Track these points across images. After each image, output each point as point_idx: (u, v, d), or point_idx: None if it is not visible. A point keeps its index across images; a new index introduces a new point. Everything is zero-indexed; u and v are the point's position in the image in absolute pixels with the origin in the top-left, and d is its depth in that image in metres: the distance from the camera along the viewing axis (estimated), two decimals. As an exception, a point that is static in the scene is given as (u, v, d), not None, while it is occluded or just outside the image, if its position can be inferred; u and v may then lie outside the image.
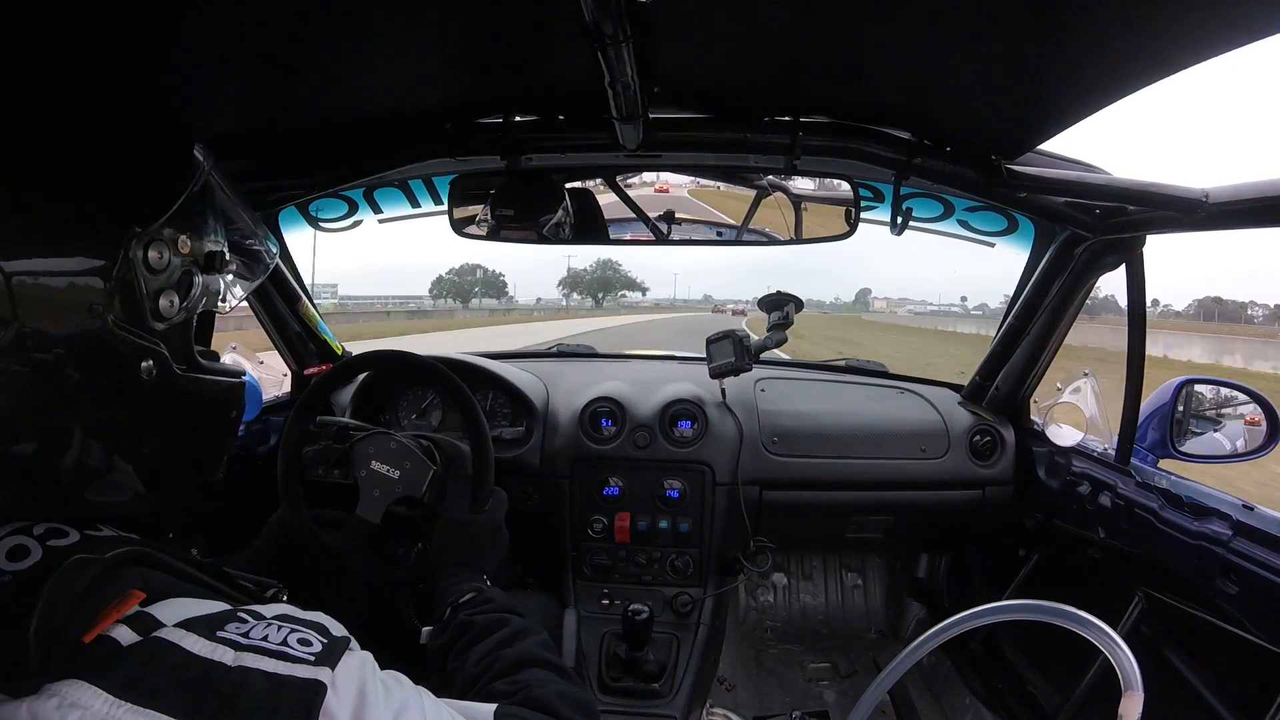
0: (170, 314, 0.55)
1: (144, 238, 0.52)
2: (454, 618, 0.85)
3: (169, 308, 0.54)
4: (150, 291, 0.53)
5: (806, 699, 1.89)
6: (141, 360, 0.53)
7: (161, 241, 0.53)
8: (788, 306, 1.63)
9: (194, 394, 0.60)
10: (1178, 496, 1.20)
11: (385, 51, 0.83)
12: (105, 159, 0.52)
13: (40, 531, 0.48)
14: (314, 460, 1.10)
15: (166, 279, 0.54)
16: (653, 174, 1.41)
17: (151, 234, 0.52)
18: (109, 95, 0.54)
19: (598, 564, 1.61)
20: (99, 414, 0.51)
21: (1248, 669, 1.10)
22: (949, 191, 1.41)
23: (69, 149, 0.49)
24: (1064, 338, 1.57)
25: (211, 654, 0.44)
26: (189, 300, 0.57)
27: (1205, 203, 1.01)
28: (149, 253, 0.52)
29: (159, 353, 0.54)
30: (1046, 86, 0.88)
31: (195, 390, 0.60)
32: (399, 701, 0.50)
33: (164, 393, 0.55)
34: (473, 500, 1.03)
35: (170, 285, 0.55)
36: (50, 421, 0.48)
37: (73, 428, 0.49)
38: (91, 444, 0.50)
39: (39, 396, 0.46)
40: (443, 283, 77.66)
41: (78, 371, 0.48)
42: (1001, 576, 1.74)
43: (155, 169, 0.56)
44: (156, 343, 0.54)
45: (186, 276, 0.56)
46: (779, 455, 1.66)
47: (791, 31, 0.80)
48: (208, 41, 0.74)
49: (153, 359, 0.54)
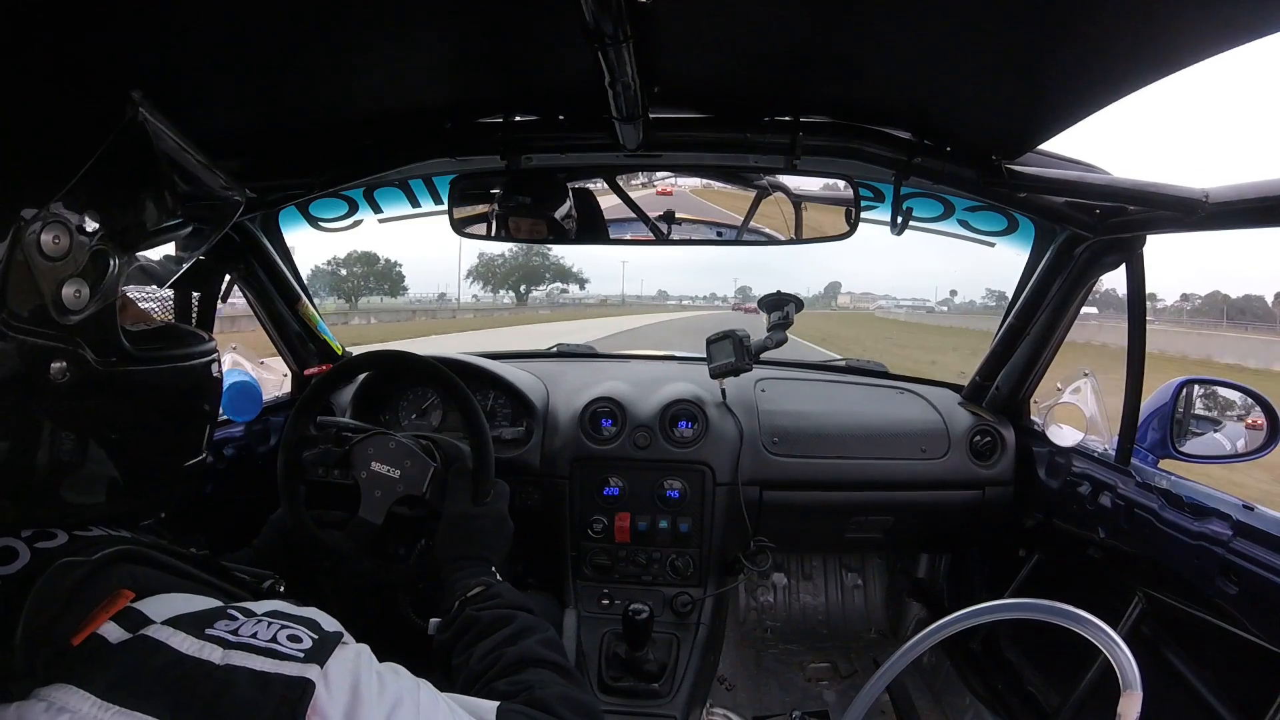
0: (78, 305, 0.48)
1: (33, 222, 0.45)
2: (461, 612, 0.85)
3: (75, 298, 0.48)
4: (49, 282, 0.46)
5: (806, 699, 1.89)
6: (51, 361, 0.47)
7: (58, 223, 0.46)
8: (788, 306, 1.63)
9: (135, 384, 0.54)
10: (1178, 497, 1.20)
11: (386, 51, 0.83)
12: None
13: (29, 534, 0.48)
14: (314, 463, 1.10)
15: (69, 266, 0.47)
16: (658, 176, 1.41)
17: (43, 217, 0.45)
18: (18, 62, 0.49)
19: (598, 564, 1.61)
20: (25, 419, 0.47)
21: (1248, 669, 1.10)
22: (949, 191, 1.41)
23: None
24: (1064, 338, 1.57)
25: (199, 652, 0.44)
26: (103, 286, 0.50)
27: (1205, 203, 1.01)
28: (42, 238, 0.45)
29: (72, 351, 0.48)
30: (1046, 86, 0.88)
31: (137, 380, 0.54)
32: (394, 695, 0.50)
33: (90, 392, 0.50)
34: (475, 493, 1.03)
35: (75, 272, 0.47)
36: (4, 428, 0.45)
37: (13, 433, 0.46)
38: (39, 447, 0.48)
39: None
40: (320, 276, 57.21)
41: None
42: (1001, 577, 1.74)
43: (55, 138, 0.49)
44: (71, 340, 0.48)
45: (98, 257, 0.49)
46: (779, 455, 1.66)
47: (791, 31, 0.80)
48: (207, 40, 0.74)
49: (64, 359, 0.48)
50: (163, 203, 0.54)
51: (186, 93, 0.86)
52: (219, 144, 1.03)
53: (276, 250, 1.63)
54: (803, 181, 1.38)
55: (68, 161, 0.47)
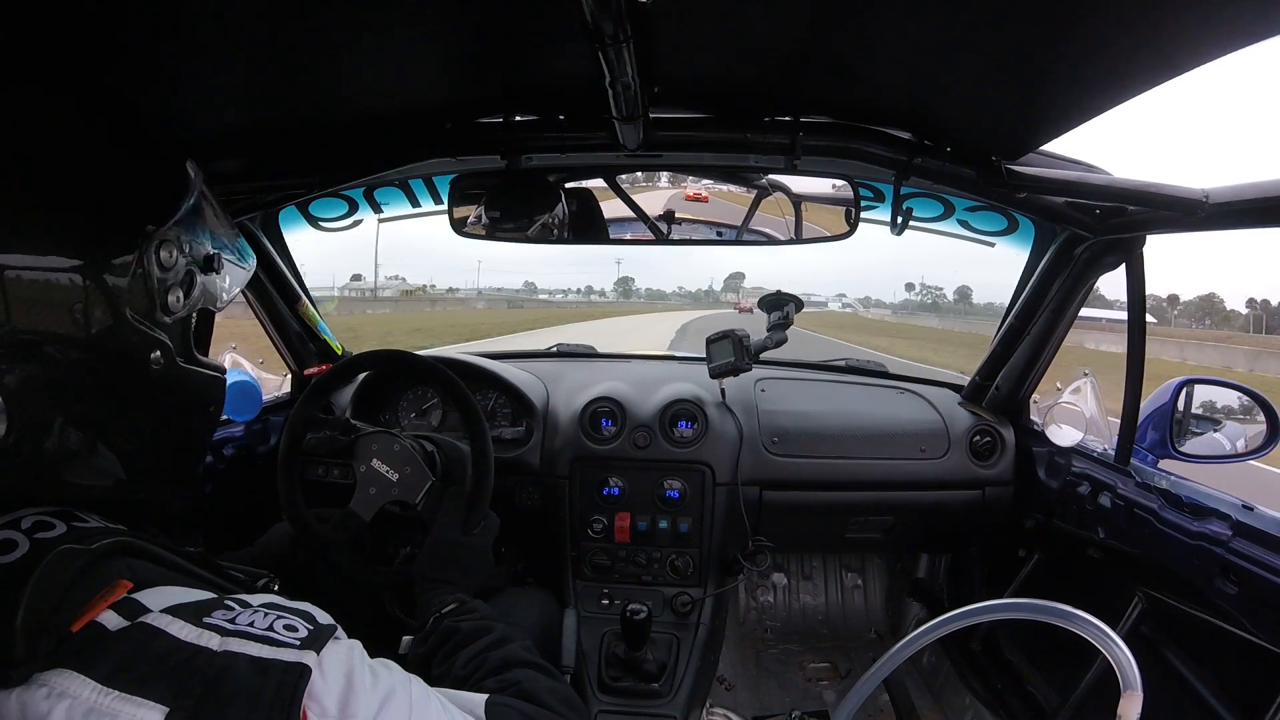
0: (177, 309, 0.59)
1: (157, 237, 0.56)
2: (437, 625, 0.86)
3: (176, 303, 0.58)
4: (161, 288, 0.57)
5: (806, 699, 1.89)
6: (151, 351, 0.57)
7: (171, 242, 0.57)
8: (787, 306, 1.63)
9: (188, 385, 0.63)
10: (1177, 497, 1.20)
11: (385, 51, 0.83)
12: (117, 169, 0.57)
13: (28, 525, 0.49)
14: (317, 447, 1.10)
15: (174, 277, 0.58)
16: (688, 180, 1.41)
17: (163, 234, 0.56)
18: (112, 111, 0.58)
19: (598, 564, 1.61)
20: (108, 402, 0.55)
21: (1248, 669, 1.10)
22: (949, 191, 1.41)
23: (84, 162, 0.54)
24: (1064, 338, 1.57)
25: (197, 639, 0.45)
26: (191, 298, 0.61)
27: (1205, 203, 1.01)
28: (160, 252, 0.56)
29: (166, 344, 0.58)
30: (1047, 89, 0.88)
31: (190, 381, 0.63)
32: (387, 687, 0.51)
33: (167, 382, 0.59)
34: (466, 520, 1.04)
35: (177, 283, 0.59)
36: (56, 409, 0.50)
37: (71, 415, 0.51)
38: (81, 430, 0.52)
39: (59, 385, 0.49)
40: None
41: (100, 361, 0.52)
42: (1001, 577, 1.74)
43: (159, 177, 0.61)
44: (164, 336, 0.58)
45: (189, 276, 0.60)
46: (779, 455, 1.66)
47: (792, 31, 0.80)
48: (207, 40, 0.74)
49: (160, 350, 0.57)
50: (215, 249, 0.65)
51: (187, 93, 0.86)
52: (219, 144, 1.03)
53: (276, 250, 1.63)
54: (803, 181, 1.38)
55: (108, 181, 0.55)
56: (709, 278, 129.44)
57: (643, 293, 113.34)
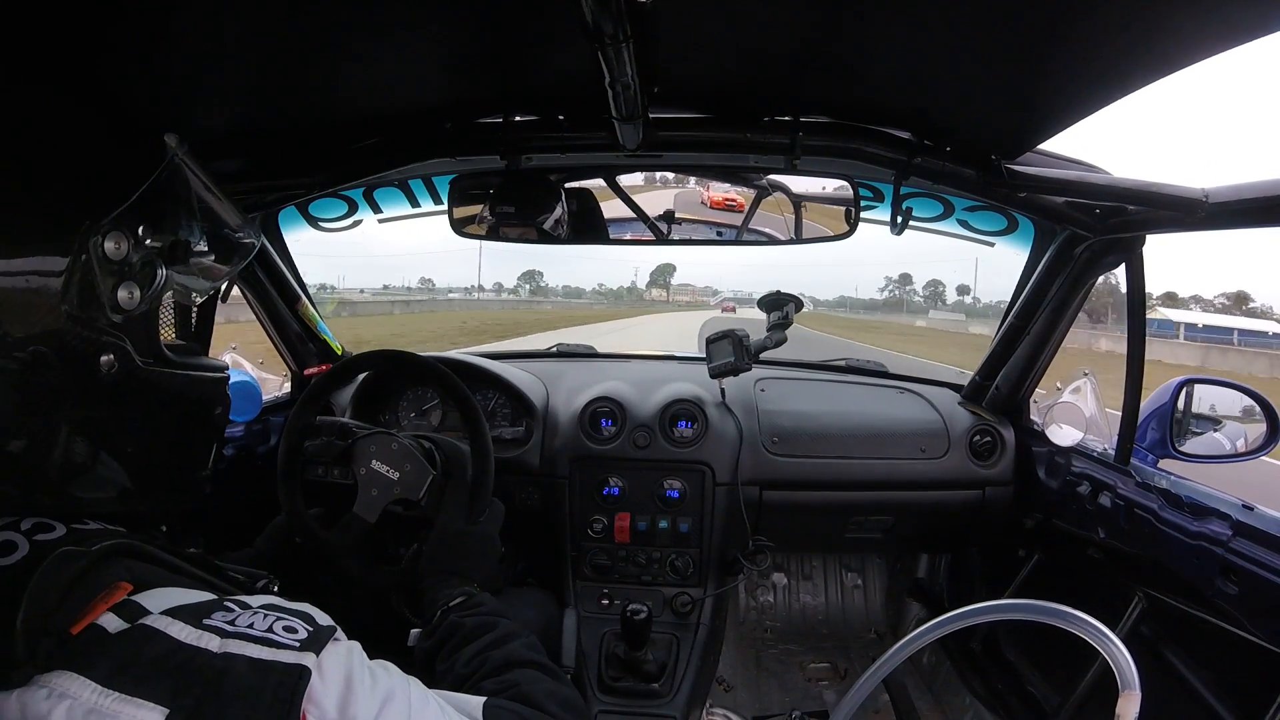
0: (130, 305, 0.53)
1: (99, 229, 0.50)
2: (444, 619, 0.86)
3: (128, 299, 0.53)
4: (108, 283, 0.52)
5: (806, 699, 1.89)
6: (100, 354, 0.52)
7: (119, 233, 0.52)
8: (787, 306, 1.63)
9: (165, 389, 0.59)
10: (1177, 496, 1.20)
11: (385, 51, 0.83)
12: (59, 153, 0.51)
13: (28, 527, 0.49)
14: (315, 454, 1.10)
15: (126, 270, 0.53)
16: (715, 184, 1.39)
17: (107, 226, 0.51)
18: (69, 89, 0.53)
19: (598, 564, 1.61)
20: (70, 411, 0.50)
21: (1247, 669, 1.10)
22: (949, 191, 1.41)
23: (22, 142, 0.48)
24: (1064, 337, 1.57)
25: (197, 641, 0.45)
26: (151, 291, 0.55)
27: (1205, 203, 1.01)
28: (105, 244, 0.51)
29: (120, 346, 0.53)
30: (1046, 86, 0.88)
31: (167, 385, 0.59)
32: (386, 689, 0.51)
33: (129, 387, 0.54)
34: (470, 510, 1.04)
35: (129, 276, 0.53)
36: (31, 419, 0.47)
37: (54, 425, 0.49)
38: (74, 440, 0.50)
39: (19, 394, 0.46)
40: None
41: (44, 367, 0.47)
42: (1001, 576, 1.74)
43: (115, 161, 0.55)
44: (118, 336, 0.53)
45: (148, 267, 0.55)
46: (779, 455, 1.66)
47: (792, 32, 0.80)
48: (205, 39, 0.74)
49: (113, 353, 0.53)
50: (195, 231, 0.60)
51: (187, 93, 0.86)
52: (219, 144, 1.03)
53: (276, 250, 1.63)
54: (803, 181, 1.38)
55: (49, 166, 0.50)
56: (632, 269, 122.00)
57: (559, 290, 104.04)
